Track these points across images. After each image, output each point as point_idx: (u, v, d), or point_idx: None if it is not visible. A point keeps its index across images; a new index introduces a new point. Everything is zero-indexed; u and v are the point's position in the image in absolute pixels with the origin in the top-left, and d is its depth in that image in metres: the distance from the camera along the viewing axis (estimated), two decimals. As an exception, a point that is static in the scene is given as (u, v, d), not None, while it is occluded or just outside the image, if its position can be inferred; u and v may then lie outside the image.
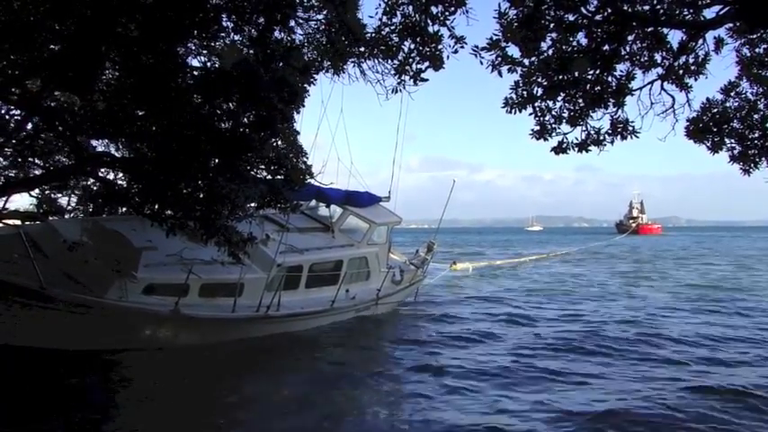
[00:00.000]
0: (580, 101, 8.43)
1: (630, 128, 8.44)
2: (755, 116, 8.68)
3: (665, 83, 8.55)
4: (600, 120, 8.61)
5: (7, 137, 11.81)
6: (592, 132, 8.60)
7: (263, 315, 14.85)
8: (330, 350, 15.06)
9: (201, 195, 10.52)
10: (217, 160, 10.32)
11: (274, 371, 13.06)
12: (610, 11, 7.66)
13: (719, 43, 8.26)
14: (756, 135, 8.71)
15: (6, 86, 10.19)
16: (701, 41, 8.20)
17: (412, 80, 9.83)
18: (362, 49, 10.53)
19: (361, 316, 18.90)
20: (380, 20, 9.61)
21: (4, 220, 14.59)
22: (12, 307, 11.43)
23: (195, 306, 13.67)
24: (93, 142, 13.24)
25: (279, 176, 11.51)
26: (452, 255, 55.59)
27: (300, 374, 12.73)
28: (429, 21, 9.05)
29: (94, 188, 15.60)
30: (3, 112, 11.32)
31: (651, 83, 8.57)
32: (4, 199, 14.62)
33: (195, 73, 10.43)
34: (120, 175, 13.35)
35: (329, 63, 11.15)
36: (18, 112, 11.42)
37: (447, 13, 8.84)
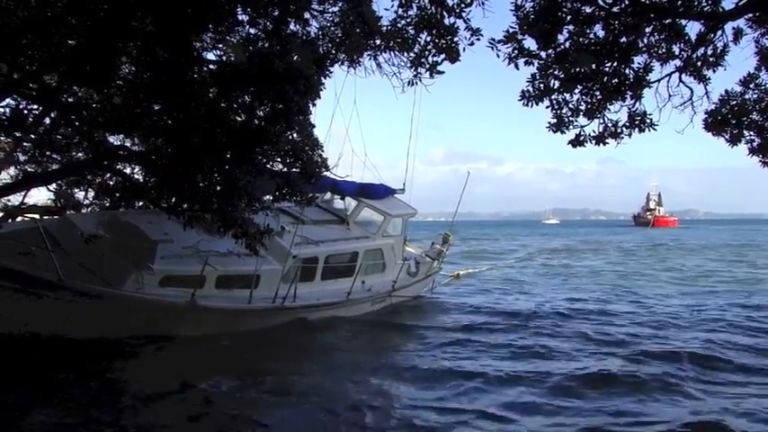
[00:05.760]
0: (597, 93, 8.38)
1: (648, 120, 8.38)
2: (775, 108, 8.59)
3: (684, 75, 8.47)
4: (617, 112, 8.56)
5: (26, 132, 11.92)
6: (609, 125, 8.55)
7: (279, 306, 14.92)
8: (345, 341, 15.09)
9: (218, 188, 10.57)
10: (233, 153, 10.36)
11: (289, 360, 13.09)
12: (627, 2, 7.60)
13: (738, 34, 8.16)
14: (776, 127, 8.62)
15: (24, 81, 10.29)
16: (719, 33, 8.10)
17: (428, 73, 9.82)
18: (378, 41, 10.54)
19: (376, 307, 18.93)
20: (396, 12, 9.62)
21: (23, 214, 14.78)
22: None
23: (212, 297, 13.77)
24: (111, 137, 13.34)
25: (295, 169, 11.53)
26: (465, 246, 55.41)
27: (315, 364, 12.76)
28: (445, 13, 9.04)
29: (111, 182, 15.72)
30: (21, 107, 11.42)
31: (669, 75, 8.50)
32: (23, 193, 14.80)
33: (211, 66, 10.47)
34: (137, 168, 13.45)
35: (345, 55, 11.15)
36: (36, 106, 11.52)
37: (463, 5, 8.82)
